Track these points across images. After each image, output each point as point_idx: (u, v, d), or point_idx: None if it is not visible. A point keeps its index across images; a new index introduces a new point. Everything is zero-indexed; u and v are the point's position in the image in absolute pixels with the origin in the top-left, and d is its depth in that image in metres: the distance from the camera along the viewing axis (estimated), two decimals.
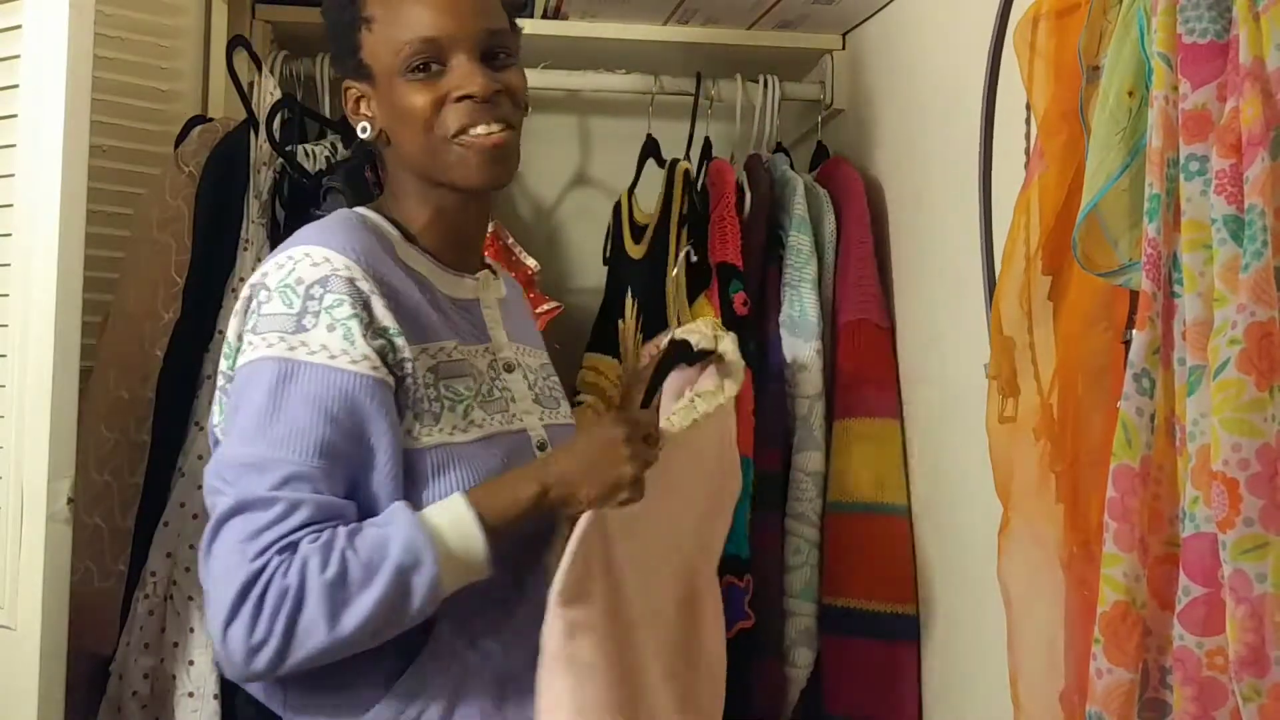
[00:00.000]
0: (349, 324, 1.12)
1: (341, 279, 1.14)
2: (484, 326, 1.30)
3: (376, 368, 1.12)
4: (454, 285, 1.29)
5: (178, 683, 1.63)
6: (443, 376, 1.19)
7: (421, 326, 1.20)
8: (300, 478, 1.08)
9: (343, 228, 1.21)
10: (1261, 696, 0.93)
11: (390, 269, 1.20)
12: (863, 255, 1.95)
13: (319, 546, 1.06)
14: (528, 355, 1.37)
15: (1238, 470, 0.94)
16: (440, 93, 1.20)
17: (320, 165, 1.86)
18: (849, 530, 1.88)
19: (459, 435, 1.19)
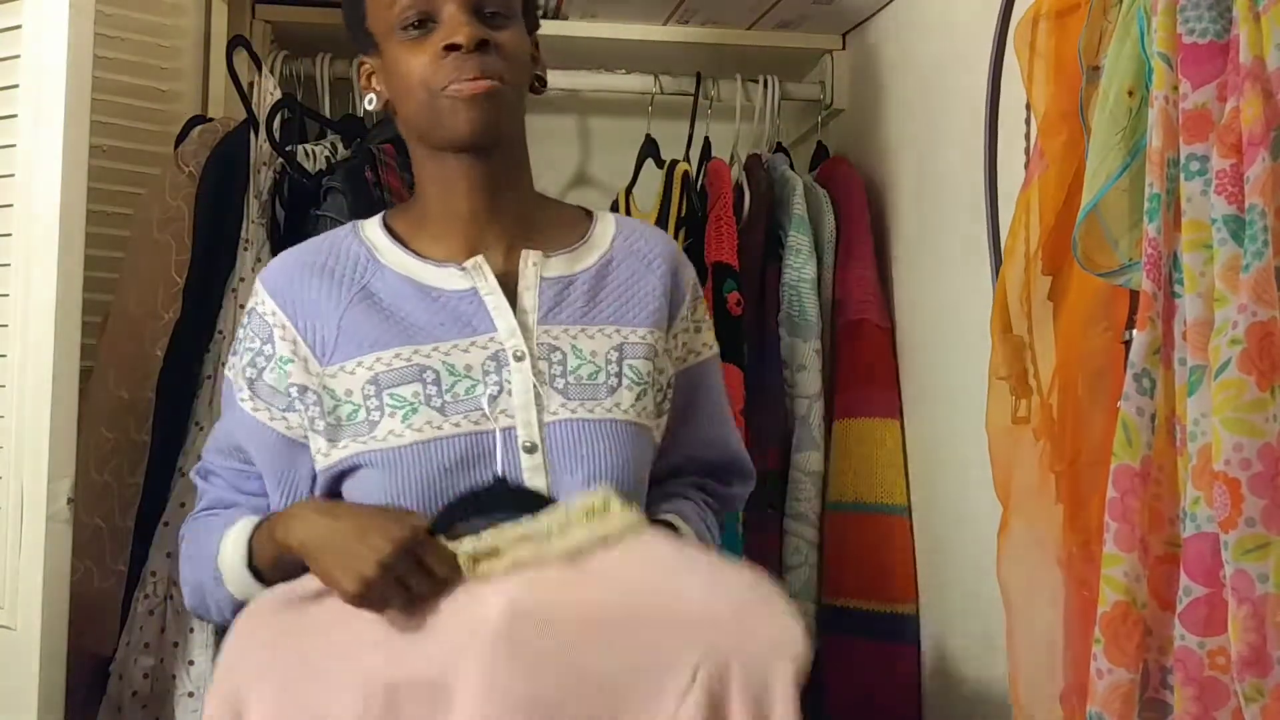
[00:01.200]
0: (245, 354, 1.26)
1: (256, 314, 1.27)
2: (485, 316, 1.24)
3: (244, 399, 1.25)
4: (441, 278, 1.26)
5: (178, 683, 1.63)
6: (384, 386, 1.20)
7: (359, 339, 1.22)
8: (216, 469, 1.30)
9: (296, 253, 1.31)
10: (1264, 697, 0.93)
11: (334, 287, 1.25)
12: (863, 255, 1.96)
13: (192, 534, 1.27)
14: (582, 337, 1.27)
15: (1239, 470, 0.94)
16: (430, 49, 1.20)
17: (320, 165, 1.86)
18: (848, 530, 1.88)
19: (391, 440, 1.18)
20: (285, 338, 1.23)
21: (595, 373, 1.25)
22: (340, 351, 1.22)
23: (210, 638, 1.64)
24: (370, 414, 1.19)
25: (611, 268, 1.32)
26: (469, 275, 1.25)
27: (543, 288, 1.27)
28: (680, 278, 1.36)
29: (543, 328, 1.25)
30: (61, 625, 1.45)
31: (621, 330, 1.29)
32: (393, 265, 1.26)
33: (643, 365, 1.27)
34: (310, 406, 1.21)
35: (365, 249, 1.28)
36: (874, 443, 1.89)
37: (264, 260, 1.76)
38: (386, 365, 1.21)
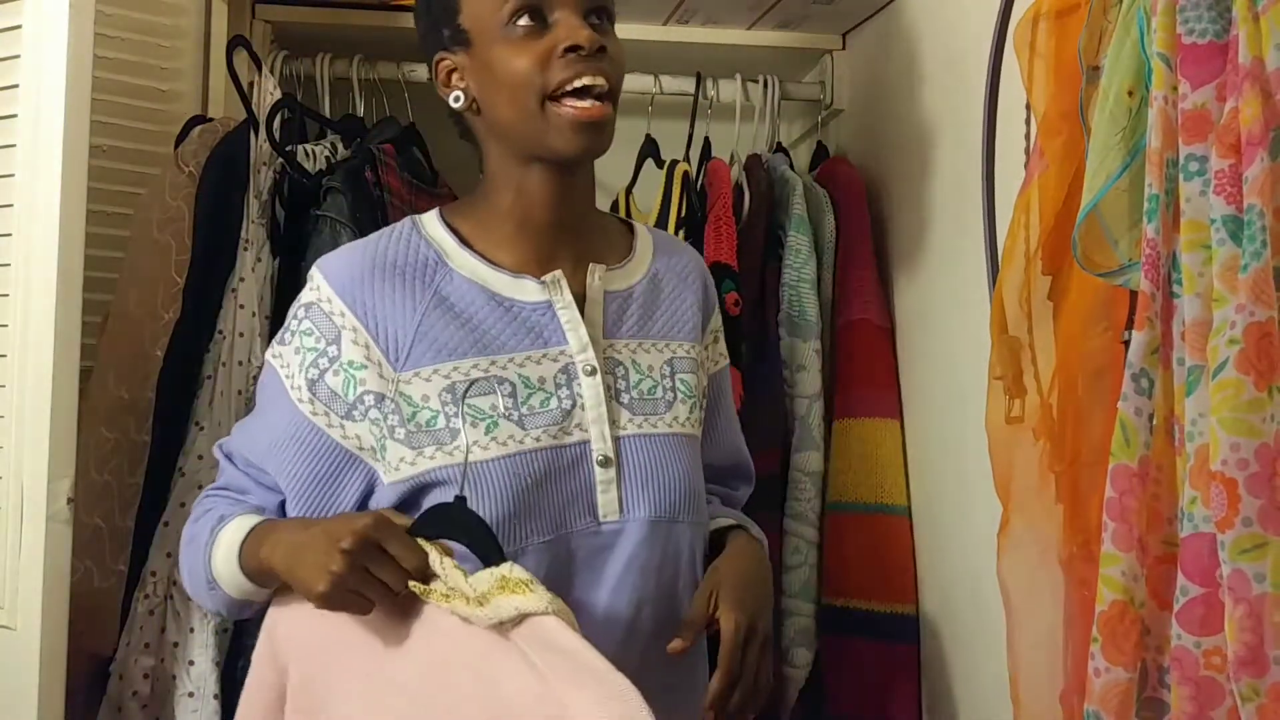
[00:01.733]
0: (306, 353, 1.21)
1: (320, 312, 1.21)
2: (558, 330, 1.23)
3: (301, 400, 1.21)
4: (516, 289, 1.24)
5: (178, 683, 1.63)
6: (461, 396, 1.18)
7: (436, 346, 1.20)
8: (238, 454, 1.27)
9: (364, 249, 1.25)
10: (1260, 696, 0.93)
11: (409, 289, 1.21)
12: (863, 255, 1.96)
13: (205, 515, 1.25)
14: (642, 352, 1.29)
15: (1236, 470, 0.94)
16: (545, 47, 1.17)
17: (320, 165, 1.86)
18: (848, 530, 1.88)
19: (476, 453, 1.17)
20: (357, 341, 1.19)
21: (653, 387, 1.27)
22: (415, 358, 1.19)
23: (210, 638, 1.64)
24: (450, 421, 1.17)
25: (657, 282, 1.34)
26: (546, 289, 1.25)
27: (606, 302, 1.28)
28: (709, 292, 1.40)
29: (607, 342, 1.26)
30: (61, 625, 1.45)
31: (670, 345, 1.31)
32: (463, 270, 1.24)
33: (691, 378, 1.31)
34: (389, 415, 1.18)
35: (434, 251, 1.25)
36: (874, 443, 1.89)
37: (264, 260, 1.77)
38: (464, 374, 1.19)
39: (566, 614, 1.03)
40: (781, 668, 1.86)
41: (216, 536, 1.20)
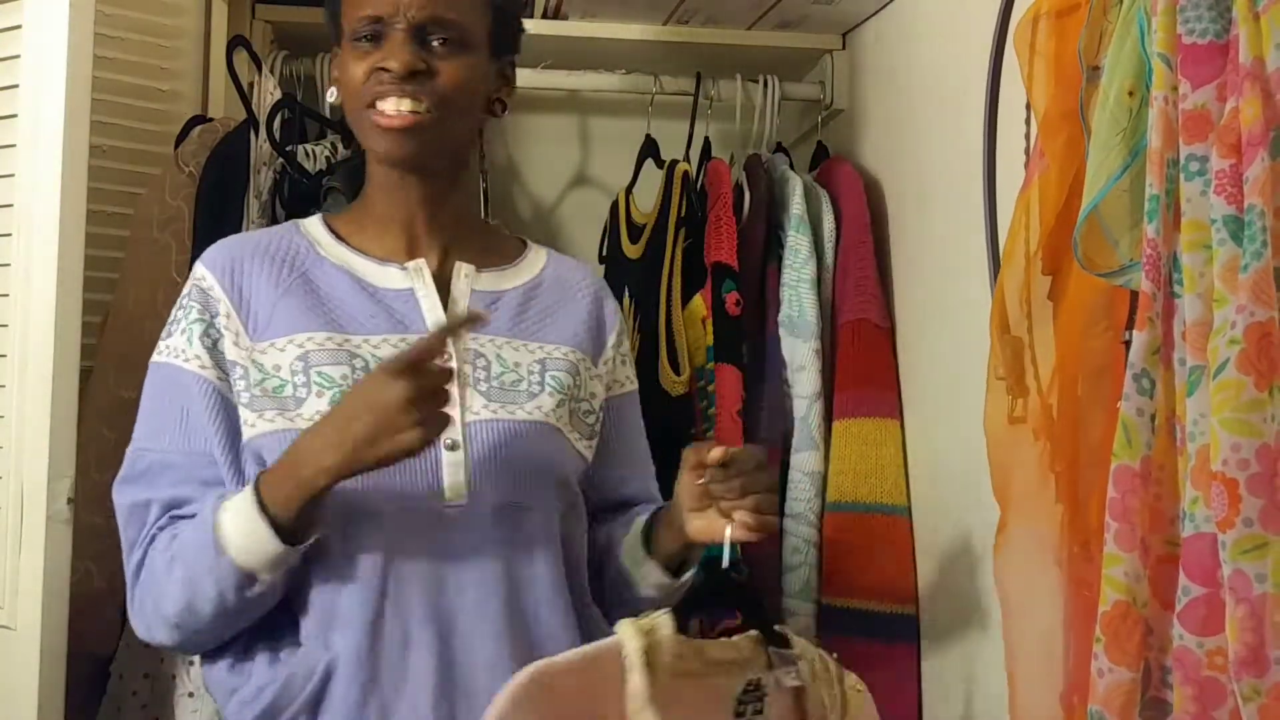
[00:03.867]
0: (192, 328, 1.28)
1: (197, 289, 1.30)
2: (417, 315, 1.30)
3: (204, 366, 1.26)
4: (380, 275, 1.33)
5: (178, 683, 1.63)
6: (313, 364, 1.25)
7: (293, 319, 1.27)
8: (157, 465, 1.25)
9: (239, 238, 1.40)
10: (1261, 696, 0.93)
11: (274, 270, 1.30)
12: (862, 255, 1.95)
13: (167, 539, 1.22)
14: (508, 349, 1.33)
15: (1237, 470, 0.94)
16: (370, 64, 1.27)
17: (320, 165, 1.86)
18: (848, 530, 1.88)
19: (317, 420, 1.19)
20: (223, 312, 1.28)
21: (517, 380, 1.32)
22: (272, 329, 1.27)
23: None
24: (297, 390, 1.24)
25: (538, 292, 1.41)
26: (409, 275, 1.33)
27: (472, 299, 1.34)
28: (605, 309, 1.46)
29: (469, 335, 1.31)
30: (61, 625, 1.45)
31: (545, 347, 1.36)
32: (332, 258, 1.33)
33: (565, 377, 1.35)
34: (238, 380, 1.26)
35: (306, 242, 1.35)
36: (873, 443, 1.88)
37: None
38: (318, 345, 1.26)
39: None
40: None
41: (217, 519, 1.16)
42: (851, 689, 1.24)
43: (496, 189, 2.27)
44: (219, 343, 1.27)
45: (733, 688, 1.16)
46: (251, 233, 1.41)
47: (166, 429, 1.26)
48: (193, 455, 1.25)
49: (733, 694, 1.16)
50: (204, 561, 1.17)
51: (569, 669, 1.10)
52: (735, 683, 1.16)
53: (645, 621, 1.13)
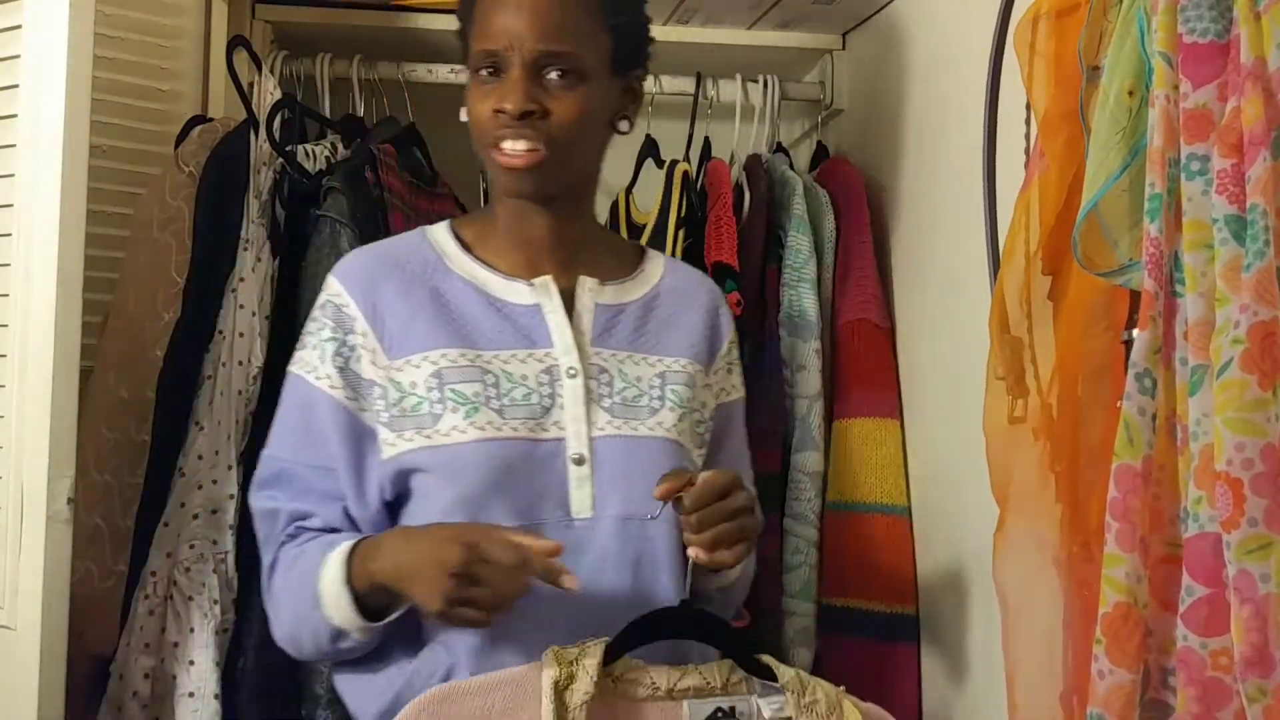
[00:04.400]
0: (325, 346, 1.30)
1: (332, 306, 1.31)
2: (544, 331, 1.31)
3: (334, 386, 1.28)
4: (508, 290, 1.33)
5: (178, 683, 1.63)
6: (447, 381, 1.26)
7: (426, 336, 1.28)
8: (286, 475, 1.29)
9: (371, 251, 1.40)
10: (1266, 697, 0.93)
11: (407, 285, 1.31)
12: (862, 255, 1.95)
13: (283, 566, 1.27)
14: (629, 362, 1.34)
15: (1241, 470, 0.94)
16: (491, 103, 1.27)
17: (320, 165, 1.86)
18: (848, 530, 1.88)
19: (455, 436, 1.24)
20: (359, 330, 1.29)
21: (639, 395, 1.34)
22: (406, 346, 1.28)
23: (210, 638, 1.64)
24: (433, 407, 1.26)
25: (658, 302, 1.41)
26: (536, 292, 1.34)
27: (597, 313, 1.35)
28: (720, 319, 1.46)
29: (594, 349, 1.33)
30: (61, 625, 1.45)
31: (664, 360, 1.37)
32: (460, 271, 1.34)
33: (684, 390, 1.36)
34: (376, 400, 1.28)
35: (435, 254, 1.36)
36: (874, 443, 1.89)
37: (264, 260, 1.77)
38: (451, 362, 1.28)
39: None
40: None
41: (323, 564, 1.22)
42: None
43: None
44: (350, 361, 1.29)
45: (698, 713, 1.17)
46: (384, 244, 1.42)
47: (291, 440, 1.30)
48: (314, 469, 1.28)
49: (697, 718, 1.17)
50: (304, 607, 1.23)
51: (477, 689, 1.14)
52: (701, 710, 1.17)
53: (574, 650, 1.15)
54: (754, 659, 1.20)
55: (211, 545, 1.66)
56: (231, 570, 1.67)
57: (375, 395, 1.27)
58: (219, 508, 1.67)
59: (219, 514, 1.67)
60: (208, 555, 1.66)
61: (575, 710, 1.12)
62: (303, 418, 1.30)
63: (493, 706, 1.13)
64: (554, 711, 1.11)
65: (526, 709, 1.13)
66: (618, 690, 1.16)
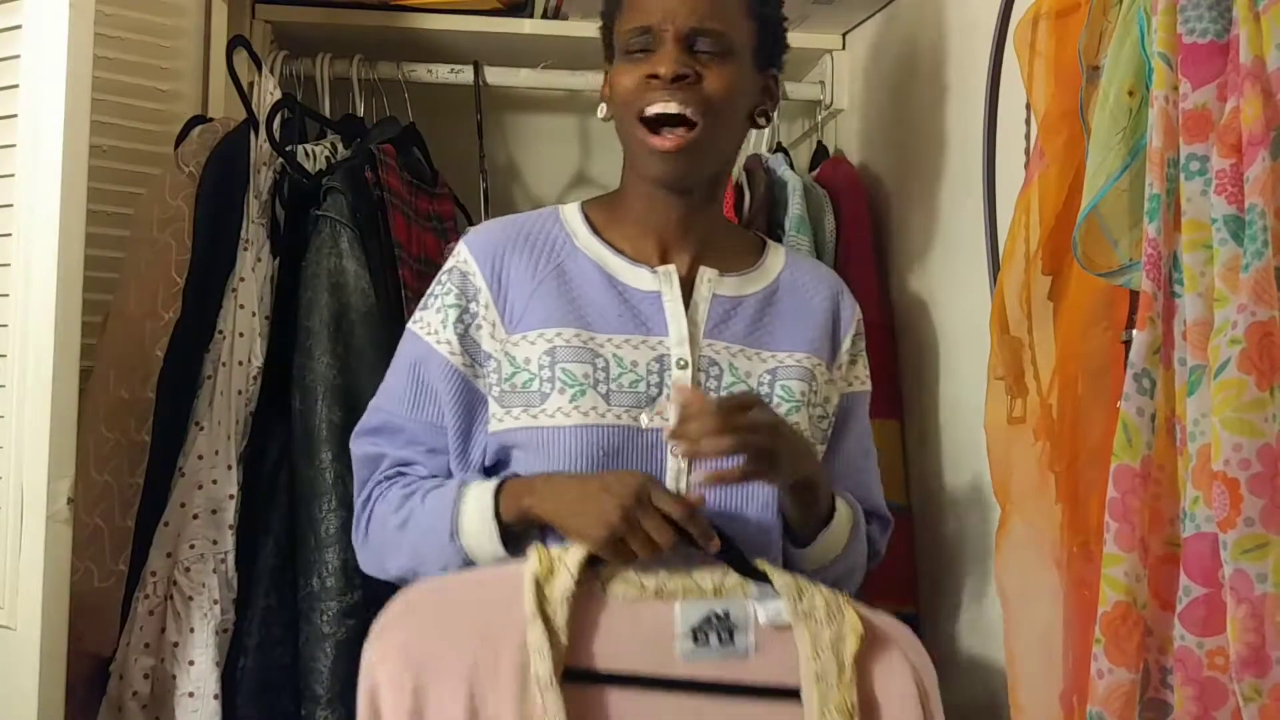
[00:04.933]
0: (449, 311, 1.33)
1: (458, 272, 1.34)
2: (661, 319, 1.32)
3: (454, 352, 1.32)
4: (631, 275, 1.35)
5: (178, 683, 1.63)
6: (559, 360, 1.28)
7: (545, 313, 1.31)
8: (391, 427, 1.34)
9: (503, 223, 1.40)
10: (1262, 697, 0.93)
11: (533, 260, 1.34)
12: (862, 255, 1.95)
13: (402, 495, 1.31)
14: (741, 357, 1.34)
15: (1239, 470, 0.94)
16: (640, 72, 1.29)
17: (320, 165, 1.86)
18: None
19: (559, 419, 1.27)
20: (483, 302, 1.32)
21: (745, 390, 1.33)
22: (525, 321, 1.31)
23: (210, 637, 1.64)
24: (542, 385, 1.28)
25: (776, 297, 1.41)
26: (658, 279, 1.35)
27: (714, 304, 1.36)
28: (842, 310, 1.45)
29: (707, 341, 1.34)
30: (61, 625, 1.45)
31: (778, 355, 1.37)
32: (587, 251, 1.36)
33: (795, 385, 1.35)
34: (490, 373, 1.31)
35: (564, 232, 1.38)
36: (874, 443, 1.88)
37: (264, 260, 1.77)
38: (565, 341, 1.29)
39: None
40: None
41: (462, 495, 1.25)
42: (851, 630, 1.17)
43: (497, 189, 2.27)
44: (470, 329, 1.32)
45: (689, 616, 1.17)
46: (516, 217, 1.42)
47: (406, 397, 1.34)
48: (425, 425, 1.33)
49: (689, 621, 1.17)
50: (436, 540, 1.26)
51: (469, 581, 1.19)
52: (693, 611, 1.17)
53: (558, 548, 1.17)
54: (749, 563, 1.19)
55: (212, 545, 1.66)
56: (231, 570, 1.67)
57: (491, 367, 1.31)
58: (219, 507, 1.67)
59: (219, 514, 1.67)
60: (208, 555, 1.66)
61: (557, 604, 1.13)
62: (417, 375, 1.33)
63: (480, 600, 1.16)
64: (535, 603, 1.12)
65: (512, 606, 1.14)
66: (607, 592, 1.17)
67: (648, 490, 1.17)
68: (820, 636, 1.17)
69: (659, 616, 1.17)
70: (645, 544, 1.16)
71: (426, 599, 1.17)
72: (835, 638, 1.17)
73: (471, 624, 1.14)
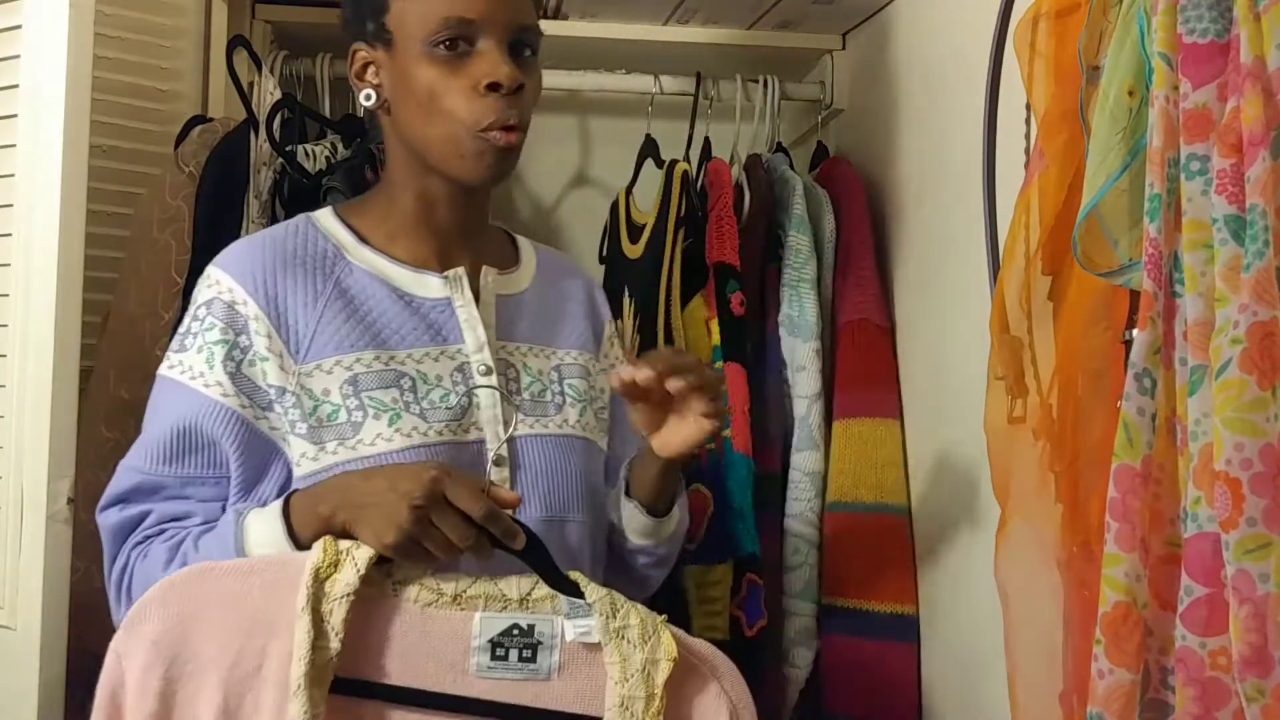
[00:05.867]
0: (214, 349, 1.18)
1: (222, 304, 1.19)
2: (455, 327, 1.26)
3: (226, 394, 1.17)
4: (418, 284, 1.26)
5: None
6: (363, 388, 1.19)
7: (338, 338, 1.20)
8: (149, 486, 1.18)
9: (261, 242, 1.25)
10: (1265, 697, 0.93)
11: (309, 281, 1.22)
12: (862, 255, 1.95)
13: (168, 547, 1.15)
14: (532, 356, 1.31)
15: (1240, 470, 0.94)
16: (467, 77, 1.19)
17: (320, 165, 1.86)
18: (848, 530, 1.88)
19: (381, 445, 1.17)
20: (260, 331, 1.19)
21: (543, 390, 1.30)
22: (316, 349, 1.20)
23: None
24: (352, 415, 1.18)
25: (543, 292, 1.37)
26: (448, 284, 1.27)
27: (498, 305, 1.30)
28: (596, 299, 1.44)
29: (500, 343, 1.28)
30: (61, 625, 1.45)
31: (557, 352, 1.34)
32: (361, 264, 1.26)
33: (579, 383, 1.34)
34: (290, 409, 1.18)
35: (331, 244, 1.26)
36: (874, 443, 1.88)
37: None
38: (365, 366, 1.20)
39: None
40: (782, 668, 1.86)
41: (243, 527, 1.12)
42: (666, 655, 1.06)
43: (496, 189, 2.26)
44: (243, 366, 1.18)
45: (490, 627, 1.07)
46: (266, 234, 1.27)
47: (170, 454, 1.18)
48: (192, 480, 1.18)
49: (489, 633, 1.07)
50: None
51: (236, 570, 1.06)
52: (494, 623, 1.07)
53: (349, 542, 1.06)
54: (560, 572, 1.09)
55: None
56: None
57: (288, 403, 1.18)
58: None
59: None
60: None
61: (335, 601, 1.03)
62: (183, 429, 1.17)
63: (250, 589, 1.04)
64: (309, 598, 1.02)
65: (286, 596, 1.03)
66: (398, 594, 1.07)
67: (443, 485, 1.04)
68: (631, 659, 1.06)
69: (455, 626, 1.07)
70: (442, 546, 1.05)
71: (189, 585, 1.04)
72: (648, 661, 1.06)
73: (239, 616, 1.03)
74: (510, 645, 1.08)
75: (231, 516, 1.15)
